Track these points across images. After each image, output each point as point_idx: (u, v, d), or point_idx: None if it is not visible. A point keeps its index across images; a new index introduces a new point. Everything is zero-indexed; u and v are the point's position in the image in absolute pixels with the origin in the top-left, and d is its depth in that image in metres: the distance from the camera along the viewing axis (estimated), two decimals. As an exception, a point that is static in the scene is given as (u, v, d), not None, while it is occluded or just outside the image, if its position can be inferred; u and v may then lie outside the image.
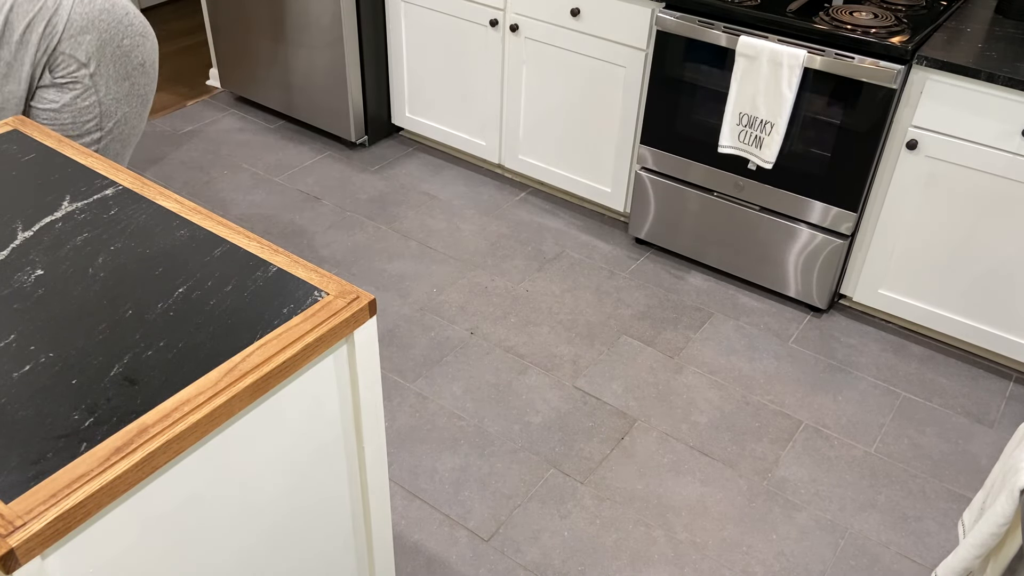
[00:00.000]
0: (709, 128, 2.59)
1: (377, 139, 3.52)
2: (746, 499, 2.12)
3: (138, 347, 1.12)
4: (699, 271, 2.88)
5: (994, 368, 2.53)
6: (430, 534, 2.01)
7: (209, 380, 1.08)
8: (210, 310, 1.19)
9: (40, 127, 1.60)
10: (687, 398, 2.39)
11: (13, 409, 1.02)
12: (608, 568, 1.95)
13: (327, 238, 2.96)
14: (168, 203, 1.40)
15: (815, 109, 2.39)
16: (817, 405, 2.39)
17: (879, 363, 2.53)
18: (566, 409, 2.34)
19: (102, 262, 1.27)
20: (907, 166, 2.34)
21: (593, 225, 3.08)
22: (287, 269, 1.27)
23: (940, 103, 2.23)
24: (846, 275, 2.63)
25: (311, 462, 1.29)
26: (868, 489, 2.16)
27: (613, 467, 2.19)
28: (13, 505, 0.91)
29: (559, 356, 2.51)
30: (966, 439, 2.31)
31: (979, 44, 2.25)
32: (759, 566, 1.97)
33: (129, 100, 2.00)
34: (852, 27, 2.28)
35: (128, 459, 0.97)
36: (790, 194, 2.55)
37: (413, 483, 2.13)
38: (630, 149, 2.84)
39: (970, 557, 1.31)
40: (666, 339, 2.59)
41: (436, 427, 2.27)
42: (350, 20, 3.13)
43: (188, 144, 3.47)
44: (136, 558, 1.05)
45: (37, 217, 1.36)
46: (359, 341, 1.25)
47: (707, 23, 2.44)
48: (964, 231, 2.34)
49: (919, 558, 2.00)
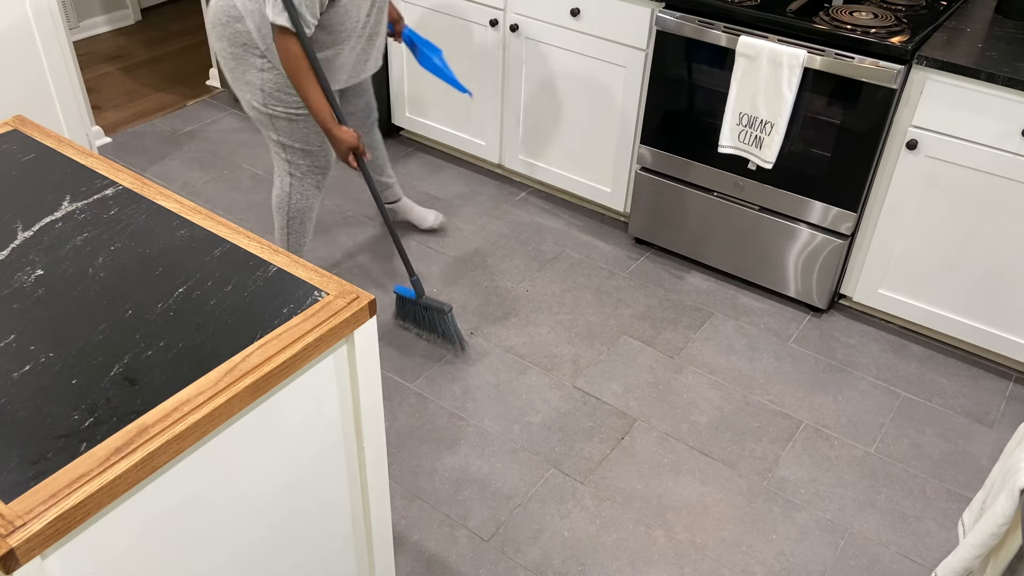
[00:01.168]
0: (709, 128, 2.59)
1: (377, 139, 3.52)
2: (746, 499, 2.12)
3: (138, 347, 1.12)
4: (699, 271, 2.88)
5: (994, 368, 2.54)
6: (430, 534, 2.01)
7: (209, 380, 1.08)
8: (210, 310, 1.19)
9: (40, 127, 1.60)
10: (687, 398, 2.39)
11: (13, 409, 1.02)
12: (608, 568, 1.95)
13: (327, 238, 2.96)
14: (168, 203, 1.40)
15: (815, 109, 2.39)
16: (817, 405, 2.39)
17: (879, 363, 2.53)
18: (566, 409, 2.34)
19: (102, 262, 1.27)
20: (907, 166, 2.34)
21: (593, 225, 3.08)
22: (287, 269, 1.27)
23: (940, 103, 2.23)
24: (846, 275, 2.63)
25: (311, 462, 1.29)
26: (868, 489, 2.16)
27: (613, 467, 2.19)
28: (13, 505, 0.91)
29: (559, 356, 2.51)
30: (966, 439, 2.31)
31: (979, 44, 2.26)
32: (759, 566, 1.97)
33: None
34: (852, 27, 2.28)
35: (128, 459, 0.97)
36: (790, 194, 2.55)
37: (413, 483, 2.13)
38: (630, 149, 2.84)
39: (970, 557, 1.31)
40: (666, 339, 2.59)
41: (436, 427, 2.27)
42: (350, 20, 3.13)
43: (188, 144, 3.47)
44: (136, 558, 1.05)
45: (37, 217, 1.36)
46: (359, 341, 1.25)
47: (707, 23, 2.44)
48: (964, 231, 2.35)
49: (919, 558, 2.00)
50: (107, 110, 3.69)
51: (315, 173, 2.43)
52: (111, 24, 4.46)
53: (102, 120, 3.60)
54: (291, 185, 2.44)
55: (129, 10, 4.51)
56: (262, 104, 2.28)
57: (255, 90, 2.26)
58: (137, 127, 3.58)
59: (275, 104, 2.27)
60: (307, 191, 2.46)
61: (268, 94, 2.25)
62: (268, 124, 2.32)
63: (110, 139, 3.47)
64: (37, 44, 2.75)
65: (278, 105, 2.27)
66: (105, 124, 3.57)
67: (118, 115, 3.66)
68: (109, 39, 4.36)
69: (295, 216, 2.49)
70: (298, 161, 2.39)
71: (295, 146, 2.36)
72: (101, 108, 3.70)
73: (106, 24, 4.44)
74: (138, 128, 3.57)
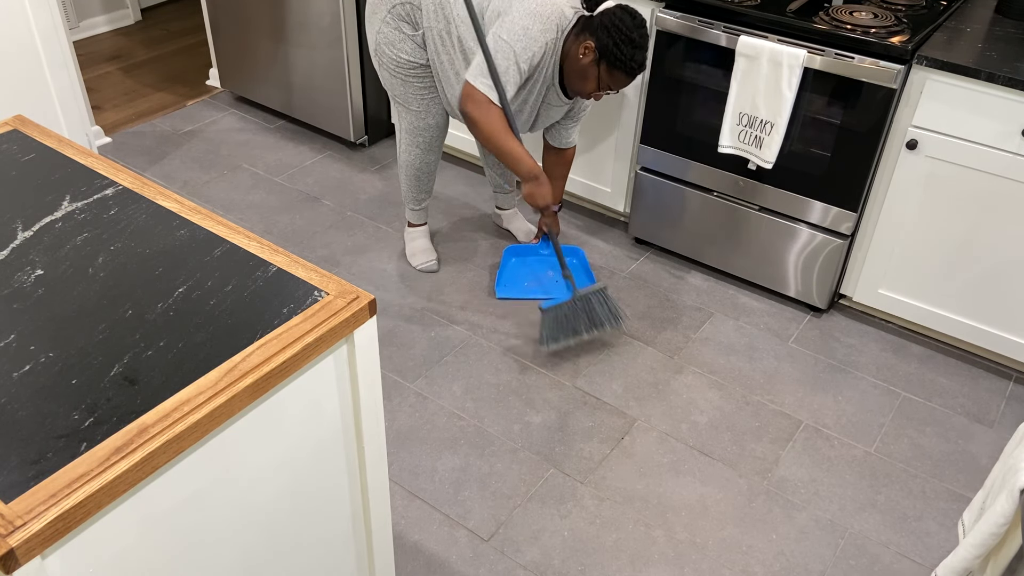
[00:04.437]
0: (709, 128, 2.59)
1: (377, 139, 3.52)
2: (746, 499, 2.12)
3: (138, 347, 1.12)
4: (699, 271, 2.88)
5: (994, 368, 2.53)
6: (430, 534, 2.01)
7: (209, 380, 1.08)
8: (210, 310, 1.19)
9: (41, 127, 1.60)
10: (687, 398, 2.39)
11: (13, 409, 1.02)
12: (608, 568, 1.95)
13: (327, 238, 2.96)
14: (168, 203, 1.40)
15: (815, 109, 2.39)
16: (817, 405, 2.39)
17: (879, 363, 2.53)
18: (566, 409, 2.34)
19: (102, 262, 1.27)
20: (907, 166, 2.34)
21: (593, 225, 3.08)
22: (287, 269, 1.27)
23: (940, 103, 2.23)
24: (846, 275, 2.63)
25: (311, 462, 1.29)
26: (868, 489, 2.16)
27: (613, 467, 2.19)
28: (13, 505, 0.91)
29: (559, 356, 2.51)
30: (966, 439, 2.31)
31: (979, 44, 2.25)
32: (759, 566, 1.97)
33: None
34: (852, 27, 2.28)
35: (128, 459, 0.97)
36: (790, 194, 2.55)
37: (413, 483, 2.13)
38: (630, 149, 2.84)
39: (970, 557, 1.31)
40: (666, 339, 2.59)
41: (436, 427, 2.27)
42: (350, 20, 3.13)
43: (188, 144, 3.47)
44: (136, 558, 1.05)
45: (37, 217, 1.36)
46: (359, 341, 1.25)
47: (707, 23, 2.44)
48: (964, 231, 2.34)
49: (919, 558, 2.00)
50: (107, 110, 3.69)
51: (414, 133, 2.60)
52: (111, 24, 4.46)
53: (102, 120, 3.60)
54: (399, 138, 2.66)
55: (129, 10, 4.51)
56: (373, 53, 2.50)
57: (372, 38, 2.47)
58: (137, 127, 3.58)
59: (380, 56, 2.47)
60: (410, 148, 2.64)
61: (378, 44, 2.45)
62: (379, 74, 2.54)
63: (110, 139, 3.47)
64: (37, 44, 2.75)
65: (383, 57, 2.46)
66: (105, 124, 3.57)
67: (118, 115, 3.66)
68: (109, 39, 4.36)
69: (402, 168, 2.71)
70: (402, 115, 2.59)
71: (397, 100, 2.55)
72: (101, 108, 3.70)
73: (106, 24, 4.44)
74: (138, 128, 3.57)
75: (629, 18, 2.18)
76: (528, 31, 2.19)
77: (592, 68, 2.23)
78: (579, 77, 2.26)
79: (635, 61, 2.19)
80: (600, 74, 2.23)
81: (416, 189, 2.75)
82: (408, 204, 2.81)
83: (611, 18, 2.18)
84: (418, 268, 2.81)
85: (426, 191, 2.76)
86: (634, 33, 2.17)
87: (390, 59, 2.45)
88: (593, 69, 2.23)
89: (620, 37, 2.16)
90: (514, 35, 2.18)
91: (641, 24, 2.19)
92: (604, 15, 2.20)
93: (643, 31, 2.19)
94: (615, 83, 2.25)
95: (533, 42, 2.20)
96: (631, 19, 2.18)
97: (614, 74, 2.22)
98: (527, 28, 2.18)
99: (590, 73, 2.24)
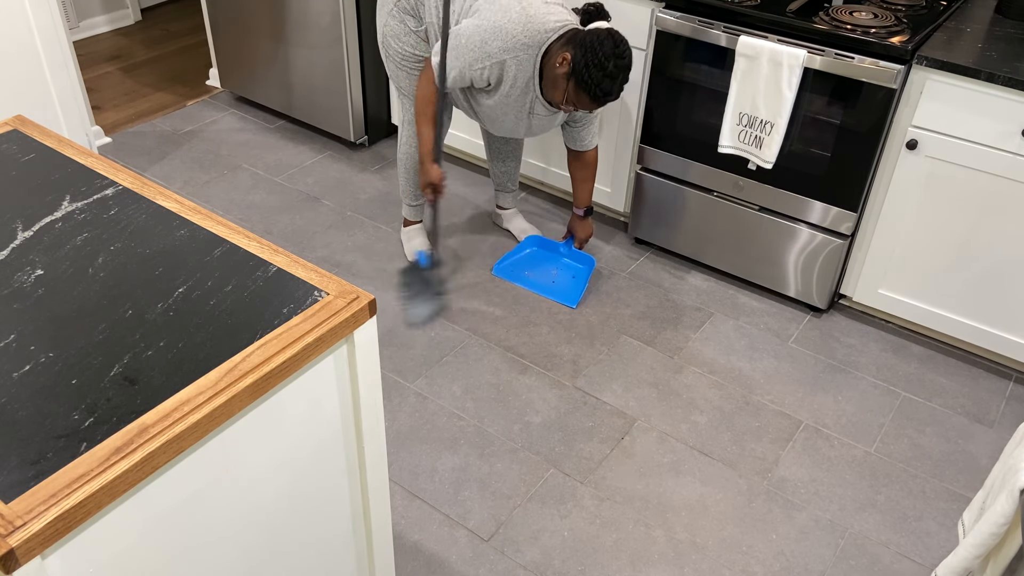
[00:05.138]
0: (709, 128, 2.59)
1: (377, 139, 3.52)
2: (746, 499, 2.12)
3: (138, 347, 1.12)
4: (699, 271, 2.88)
5: (994, 368, 2.54)
6: (430, 534, 2.01)
7: (209, 380, 1.08)
8: (210, 310, 1.19)
9: (40, 127, 1.60)
10: (687, 398, 2.39)
11: (13, 409, 1.02)
12: (608, 568, 1.95)
13: (327, 238, 2.96)
14: (168, 203, 1.40)
15: (815, 109, 2.39)
16: (817, 405, 2.39)
17: (879, 363, 2.53)
18: (566, 409, 2.34)
19: (102, 262, 1.27)
20: (907, 166, 2.34)
21: (593, 225, 3.08)
22: (287, 269, 1.27)
23: (940, 103, 2.23)
24: (846, 275, 2.63)
25: (311, 462, 1.29)
26: (868, 489, 2.16)
27: (613, 467, 2.19)
28: (13, 505, 0.91)
29: (559, 356, 2.51)
30: (966, 439, 2.31)
31: (979, 44, 2.25)
32: (759, 566, 1.97)
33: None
34: (852, 27, 2.28)
35: (128, 459, 0.97)
36: (790, 194, 2.55)
37: (413, 483, 2.13)
38: (630, 149, 2.84)
39: (970, 557, 1.31)
40: (666, 339, 2.59)
41: (436, 427, 2.27)
42: (350, 20, 3.13)
43: (188, 144, 3.47)
44: (136, 558, 1.05)
45: (37, 217, 1.36)
46: (359, 341, 1.25)
47: (707, 23, 2.44)
48: (964, 231, 2.34)
49: (919, 558, 2.00)
50: (107, 110, 3.69)
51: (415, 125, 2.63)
52: (111, 24, 4.46)
53: (102, 120, 3.60)
54: (401, 131, 2.71)
55: (129, 10, 4.51)
56: (380, 44, 2.56)
57: (380, 30, 2.53)
58: (137, 127, 3.58)
59: (387, 48, 2.54)
60: (411, 140, 2.69)
61: (384, 36, 2.52)
62: (386, 65, 2.60)
63: (110, 139, 3.47)
64: (37, 44, 2.75)
65: (389, 50, 2.53)
66: (105, 124, 3.57)
67: (118, 115, 3.66)
68: (109, 39, 4.36)
69: (401, 161, 2.76)
70: (405, 107, 2.64)
71: (402, 92, 2.61)
72: (101, 108, 3.70)
73: (106, 24, 4.44)
74: (138, 128, 3.57)
75: (611, 45, 2.12)
76: (485, 45, 2.19)
77: (563, 80, 2.20)
78: (551, 84, 2.24)
79: (601, 88, 2.14)
80: (568, 89, 2.20)
81: (414, 184, 2.77)
82: (405, 199, 2.82)
83: (593, 39, 2.13)
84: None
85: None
86: (609, 62, 2.11)
87: (396, 51, 2.51)
88: (563, 82, 2.20)
89: (593, 61, 2.11)
90: (472, 43, 2.21)
91: (621, 55, 2.13)
92: (590, 34, 2.15)
93: (621, 62, 2.13)
94: (579, 102, 2.22)
95: (487, 57, 2.20)
96: (612, 47, 2.12)
97: (580, 94, 2.19)
98: (485, 42, 2.19)
99: (560, 84, 2.22)
